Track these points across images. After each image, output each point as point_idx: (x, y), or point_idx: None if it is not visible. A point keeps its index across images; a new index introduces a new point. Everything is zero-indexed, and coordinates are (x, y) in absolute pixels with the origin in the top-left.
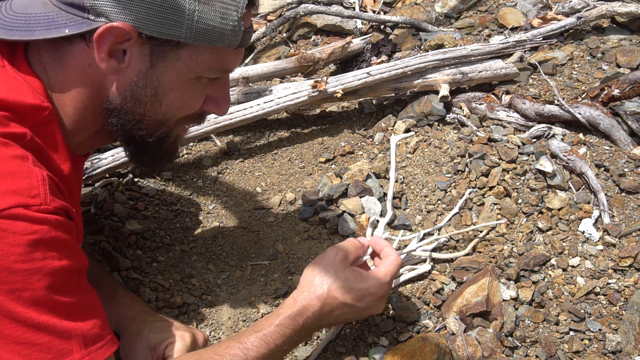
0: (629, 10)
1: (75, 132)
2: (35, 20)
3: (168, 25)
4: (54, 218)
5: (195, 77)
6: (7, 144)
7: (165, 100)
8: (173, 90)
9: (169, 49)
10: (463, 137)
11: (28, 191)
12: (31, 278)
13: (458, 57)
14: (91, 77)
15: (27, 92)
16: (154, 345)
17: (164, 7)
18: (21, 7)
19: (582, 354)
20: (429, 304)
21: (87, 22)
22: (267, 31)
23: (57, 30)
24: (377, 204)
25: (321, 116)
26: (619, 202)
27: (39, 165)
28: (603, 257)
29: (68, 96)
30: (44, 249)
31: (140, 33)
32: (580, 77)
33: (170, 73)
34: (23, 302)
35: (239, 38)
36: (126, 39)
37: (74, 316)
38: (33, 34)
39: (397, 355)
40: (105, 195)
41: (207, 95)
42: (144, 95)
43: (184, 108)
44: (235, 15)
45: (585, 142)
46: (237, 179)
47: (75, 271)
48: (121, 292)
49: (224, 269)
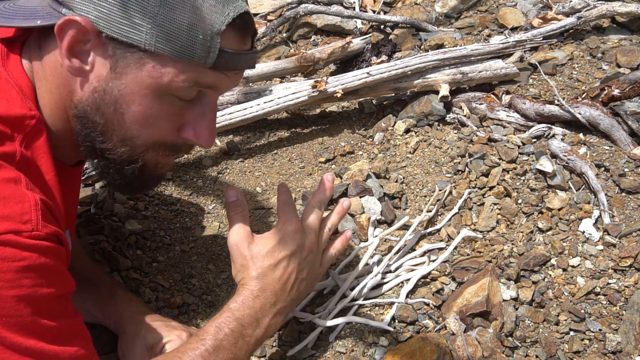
0: (629, 10)
1: (60, 136)
2: (22, 11)
3: (128, 26)
4: (44, 245)
5: (162, 93)
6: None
7: (128, 114)
8: (135, 103)
9: (130, 55)
10: (463, 137)
11: (20, 217)
12: (19, 304)
13: (458, 57)
14: (63, 77)
15: (16, 99)
16: (151, 345)
17: (124, 6)
18: (22, 0)
19: (582, 354)
20: (429, 304)
21: (59, 15)
22: (267, 31)
23: (32, 20)
24: (377, 204)
25: (321, 116)
26: (619, 202)
27: (32, 187)
28: (603, 257)
29: (48, 96)
30: (32, 276)
31: (100, 32)
32: (580, 77)
33: (132, 83)
34: (9, 328)
35: (212, 56)
36: (88, 39)
37: (60, 340)
38: (12, 21)
39: (397, 355)
40: (105, 195)
41: (185, 121)
42: (104, 104)
43: (148, 128)
44: (209, 30)
45: (585, 142)
46: (237, 179)
47: (62, 296)
48: (120, 293)
49: (224, 269)
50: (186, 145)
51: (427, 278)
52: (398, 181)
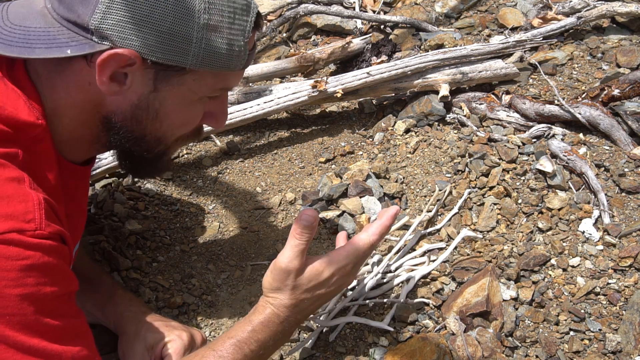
0: (629, 10)
1: (70, 141)
2: (35, 36)
3: (174, 53)
4: (47, 243)
5: (197, 99)
6: (3, 165)
7: (166, 121)
8: (175, 112)
9: (173, 74)
10: (463, 137)
11: (23, 215)
12: (22, 303)
13: (458, 57)
14: (91, 94)
15: (23, 107)
16: (151, 345)
17: (171, 34)
18: (19, 18)
19: (582, 354)
20: (429, 304)
21: (90, 43)
22: (267, 31)
23: (58, 49)
24: (377, 204)
25: (321, 116)
26: (619, 202)
27: (35, 187)
28: (603, 257)
29: (65, 109)
30: (36, 275)
31: (144, 59)
32: (580, 77)
33: (174, 97)
34: (12, 326)
35: (243, 61)
36: (129, 64)
37: (63, 340)
38: (33, 52)
39: (397, 355)
40: (105, 195)
41: (206, 111)
42: (145, 117)
43: (184, 127)
44: (241, 41)
45: (585, 142)
46: (237, 179)
47: (65, 295)
48: (120, 293)
49: (224, 269)
50: (202, 129)
51: (427, 278)
52: (398, 181)
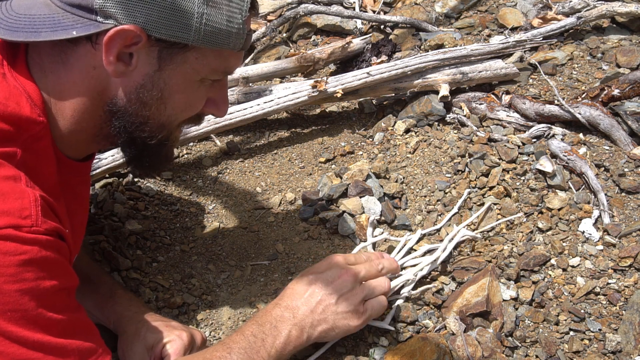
0: (629, 10)
1: (71, 135)
2: (40, 22)
3: (177, 28)
4: (44, 238)
5: (199, 80)
6: (1, 164)
7: (170, 103)
8: (179, 92)
9: (176, 52)
10: (463, 137)
11: (19, 212)
12: (22, 298)
13: (458, 57)
14: (95, 79)
15: (25, 104)
16: (151, 345)
17: (173, 9)
18: (23, 8)
19: (582, 354)
20: (429, 304)
21: (95, 24)
22: (267, 31)
23: (64, 31)
24: (377, 204)
25: (321, 116)
26: (619, 202)
27: (32, 185)
28: (603, 257)
29: (68, 99)
30: (34, 269)
31: (149, 35)
32: (580, 77)
33: (177, 75)
34: (15, 322)
35: (242, 41)
36: (134, 42)
37: (67, 333)
38: (39, 35)
39: (397, 355)
40: (105, 195)
41: (207, 97)
42: (150, 97)
43: (187, 110)
44: (239, 19)
45: (585, 142)
46: (237, 179)
47: (65, 289)
48: (120, 292)
49: (224, 269)
50: (203, 116)
51: (427, 278)
52: (398, 181)
